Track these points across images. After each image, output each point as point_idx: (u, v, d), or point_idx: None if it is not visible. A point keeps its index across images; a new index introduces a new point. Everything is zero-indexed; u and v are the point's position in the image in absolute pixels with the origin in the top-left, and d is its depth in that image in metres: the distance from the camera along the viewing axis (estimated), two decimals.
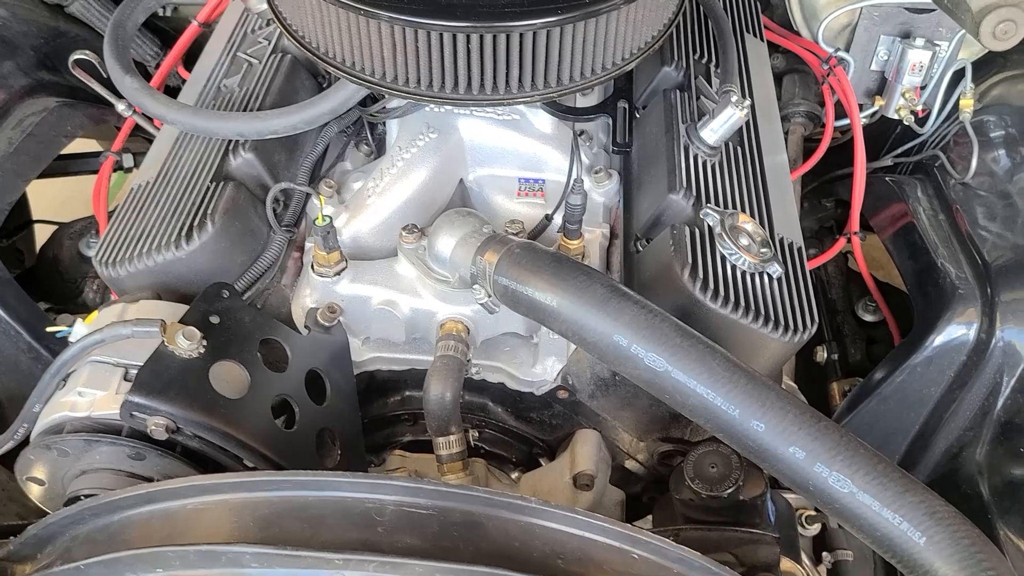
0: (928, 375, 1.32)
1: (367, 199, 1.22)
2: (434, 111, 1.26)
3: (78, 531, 0.79)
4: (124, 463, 0.95)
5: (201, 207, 1.14)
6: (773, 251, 1.13)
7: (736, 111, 1.18)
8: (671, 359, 0.90)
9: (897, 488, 0.83)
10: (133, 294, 1.10)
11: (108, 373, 0.98)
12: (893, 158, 1.67)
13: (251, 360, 1.01)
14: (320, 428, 1.07)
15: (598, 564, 0.73)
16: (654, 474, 1.29)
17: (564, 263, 0.98)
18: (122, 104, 1.52)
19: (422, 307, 1.14)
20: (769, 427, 0.87)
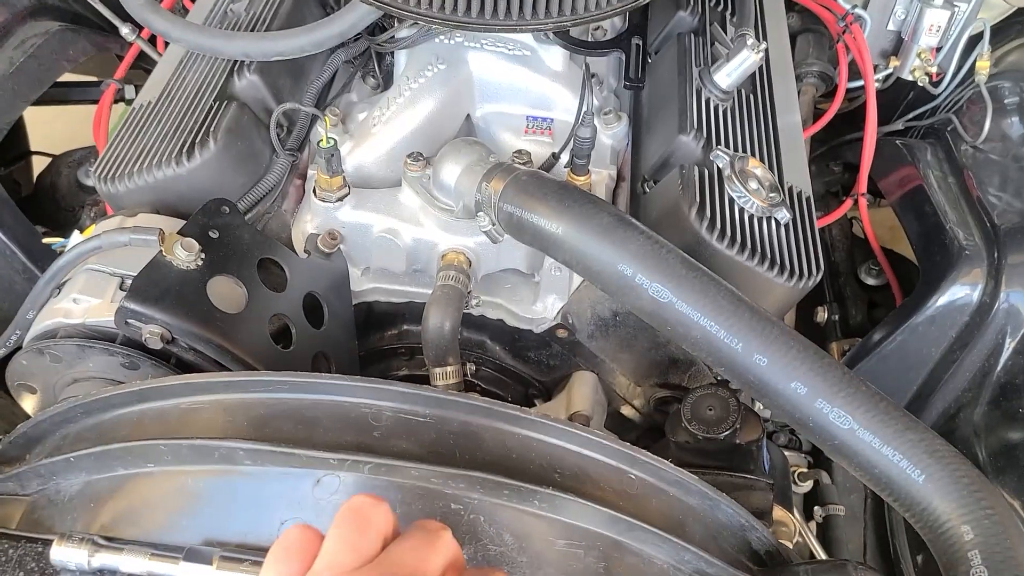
0: (929, 335, 1.31)
1: (372, 128, 1.20)
2: (443, 43, 1.24)
3: (68, 430, 0.78)
4: (117, 372, 0.93)
5: (204, 125, 1.12)
6: (782, 196, 1.12)
7: (751, 54, 1.16)
8: (675, 290, 0.89)
9: (898, 426, 0.82)
10: (132, 208, 1.08)
11: (104, 281, 0.96)
12: (905, 122, 1.66)
13: (249, 277, 1.00)
14: (316, 352, 1.05)
15: (595, 481, 0.72)
16: (650, 421, 1.28)
17: (570, 191, 0.96)
18: (126, 28, 1.50)
19: (424, 237, 1.13)
20: (772, 361, 0.86)
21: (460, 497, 0.67)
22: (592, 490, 0.71)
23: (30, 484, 0.75)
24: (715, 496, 0.77)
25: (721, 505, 0.78)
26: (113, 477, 0.70)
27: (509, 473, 0.68)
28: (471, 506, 0.66)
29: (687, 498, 0.76)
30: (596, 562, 0.68)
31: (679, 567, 0.72)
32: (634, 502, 0.73)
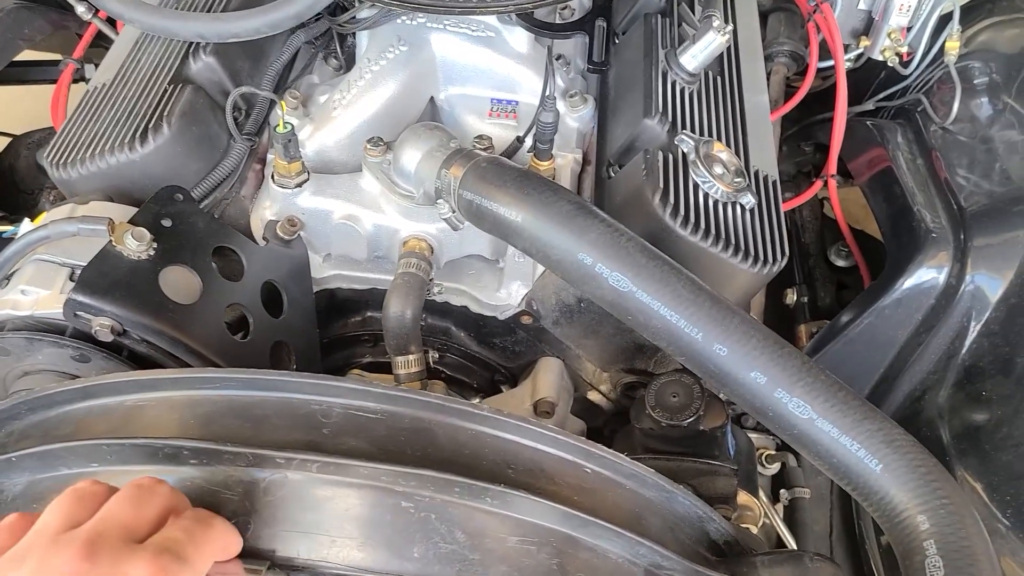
0: (896, 318, 1.31)
1: (333, 111, 1.18)
2: (406, 23, 1.21)
3: (13, 427, 0.76)
4: (68, 365, 0.91)
5: (157, 109, 1.09)
6: (747, 181, 1.11)
7: (717, 36, 1.14)
8: (635, 279, 0.88)
9: (856, 416, 0.82)
10: (84, 196, 1.05)
11: (53, 272, 0.94)
12: (875, 103, 1.65)
13: (204, 267, 0.98)
14: (275, 341, 1.04)
15: (549, 476, 0.71)
16: (616, 407, 1.28)
17: (530, 178, 0.95)
18: (81, 6, 1.46)
19: (385, 223, 1.11)
20: (731, 351, 0.85)
21: (411, 495, 0.66)
22: (547, 485, 0.71)
23: None
24: (671, 488, 0.76)
25: (678, 497, 0.77)
26: (56, 477, 0.68)
27: (461, 470, 0.67)
28: (422, 504, 0.66)
29: (644, 491, 0.76)
30: (549, 558, 0.67)
31: (635, 561, 0.72)
32: (590, 496, 0.72)
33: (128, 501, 0.59)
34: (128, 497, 0.60)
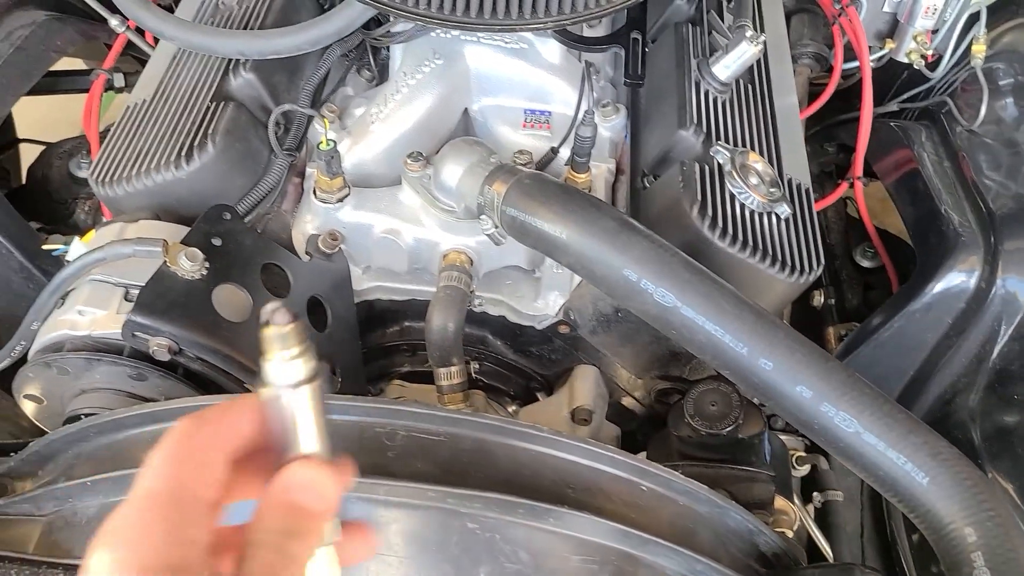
0: (926, 321, 1.32)
1: (370, 125, 1.19)
2: (440, 37, 1.22)
3: (81, 449, 0.78)
4: (125, 383, 0.94)
5: (201, 127, 1.11)
6: (782, 191, 1.12)
7: (750, 46, 1.15)
8: (680, 295, 0.90)
9: (902, 429, 0.83)
10: (132, 214, 1.07)
11: (108, 292, 0.96)
12: (899, 103, 1.66)
13: (253, 284, 0.99)
14: (320, 355, 1.05)
15: (607, 494, 0.73)
16: (650, 411, 1.29)
17: (574, 195, 0.96)
18: (115, 19, 1.47)
19: (425, 237, 1.13)
20: (777, 365, 0.87)
21: (476, 516, 0.67)
22: (605, 503, 0.73)
23: (46, 506, 0.76)
24: (724, 504, 0.78)
25: (730, 512, 0.79)
26: None
27: (522, 490, 0.69)
28: (487, 525, 0.67)
29: (697, 507, 0.78)
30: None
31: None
32: (646, 514, 0.74)
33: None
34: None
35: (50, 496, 0.75)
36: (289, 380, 0.47)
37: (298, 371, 0.47)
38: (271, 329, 0.46)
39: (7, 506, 0.77)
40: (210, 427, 0.48)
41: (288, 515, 0.48)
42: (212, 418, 0.49)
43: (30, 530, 0.76)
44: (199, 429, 0.48)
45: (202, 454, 0.47)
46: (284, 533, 0.47)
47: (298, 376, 0.47)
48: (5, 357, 1.01)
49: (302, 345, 0.47)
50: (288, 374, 0.47)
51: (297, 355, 0.47)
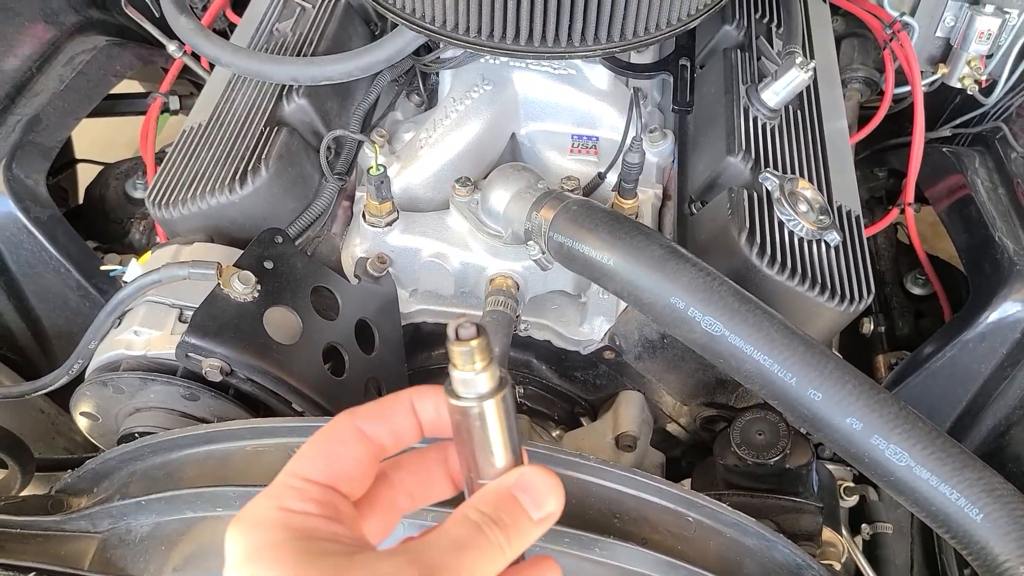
0: (980, 351, 1.29)
1: (419, 150, 1.21)
2: (489, 63, 1.24)
3: (136, 467, 0.80)
4: (178, 403, 0.96)
5: (255, 151, 1.13)
6: (832, 219, 1.11)
7: (800, 73, 1.15)
8: (728, 323, 0.89)
9: (955, 464, 0.82)
10: (187, 236, 1.10)
11: (163, 313, 0.98)
12: (952, 129, 1.63)
13: (303, 306, 1.01)
14: (368, 377, 1.07)
15: (653, 525, 0.73)
16: (695, 439, 1.28)
17: (622, 222, 0.96)
18: (172, 45, 1.51)
19: (472, 261, 1.13)
20: (826, 396, 0.86)
21: None
22: (651, 534, 0.72)
23: (101, 523, 0.77)
24: (771, 537, 0.77)
25: (778, 545, 0.78)
26: (182, 520, 0.72)
27: (570, 519, 0.69)
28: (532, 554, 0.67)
29: (744, 539, 0.77)
30: None
31: None
32: (692, 545, 0.73)
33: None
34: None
35: (105, 513, 0.76)
36: (476, 393, 0.47)
37: (484, 383, 0.47)
38: (458, 345, 0.46)
39: (64, 522, 0.79)
40: (360, 421, 0.50)
41: (504, 504, 0.48)
42: (363, 413, 0.51)
43: (86, 546, 0.77)
44: (343, 421, 0.50)
45: (346, 447, 0.49)
46: (491, 519, 0.48)
47: (484, 388, 0.47)
48: (63, 375, 1.04)
49: (488, 358, 0.47)
50: (475, 387, 0.47)
51: (483, 368, 0.47)
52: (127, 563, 0.73)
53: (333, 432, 0.50)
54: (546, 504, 0.50)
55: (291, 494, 0.48)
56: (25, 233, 1.42)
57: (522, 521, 0.49)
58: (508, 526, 0.48)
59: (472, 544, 0.46)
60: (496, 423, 0.48)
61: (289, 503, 0.47)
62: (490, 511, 0.48)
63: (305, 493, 0.48)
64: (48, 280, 1.44)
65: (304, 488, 0.48)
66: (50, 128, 1.51)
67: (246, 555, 0.45)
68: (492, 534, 0.47)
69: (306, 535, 0.45)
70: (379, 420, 0.51)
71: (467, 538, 0.46)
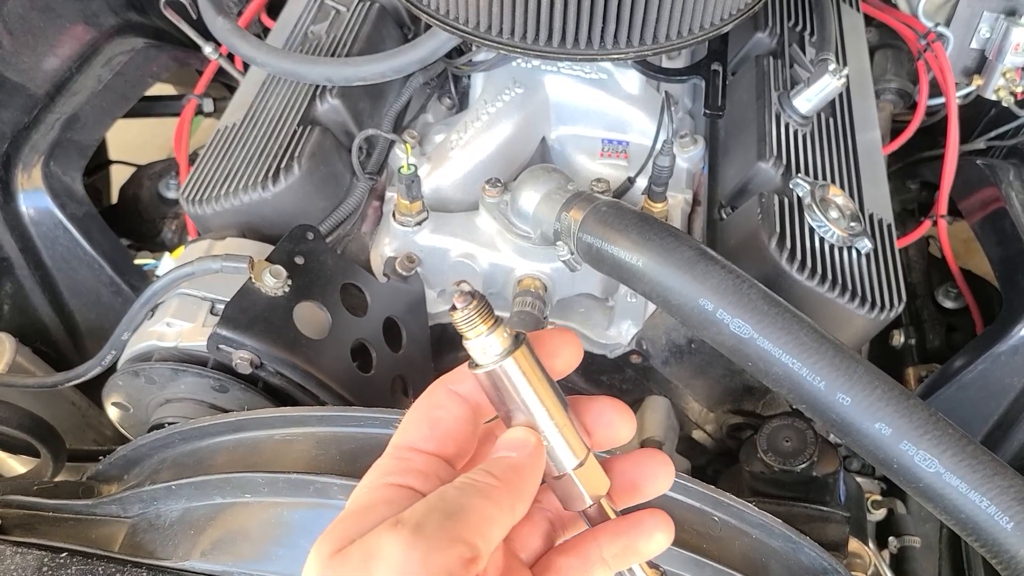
0: (1012, 365, 1.28)
1: (450, 151, 1.22)
2: (521, 66, 1.25)
3: (166, 455, 0.81)
4: (208, 394, 0.97)
5: (288, 150, 1.14)
6: (863, 226, 1.10)
7: (833, 80, 1.14)
8: (757, 326, 0.89)
9: (986, 471, 0.80)
10: (219, 231, 1.11)
11: (195, 306, 1.00)
12: (987, 141, 1.62)
13: (332, 302, 1.02)
14: (395, 375, 1.07)
15: (678, 523, 0.72)
16: (721, 446, 1.28)
17: (651, 223, 0.96)
18: (208, 47, 1.53)
19: (501, 262, 1.14)
20: (856, 401, 0.85)
21: None
22: (676, 532, 0.71)
23: (132, 508, 0.78)
24: (798, 539, 0.77)
25: (804, 548, 0.77)
26: (211, 505, 0.73)
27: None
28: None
29: (770, 540, 0.76)
30: None
31: None
32: (718, 545, 0.73)
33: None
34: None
35: (136, 499, 0.77)
36: (493, 355, 0.47)
37: (497, 345, 0.47)
38: (457, 313, 0.47)
39: (95, 507, 0.80)
40: (453, 385, 0.51)
41: (495, 463, 0.49)
42: (453, 377, 0.51)
43: (116, 530, 0.78)
44: (436, 388, 0.51)
45: (445, 410, 0.50)
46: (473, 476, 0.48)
47: (499, 349, 0.47)
48: (96, 366, 1.05)
49: (491, 320, 0.47)
50: (491, 350, 0.47)
51: (490, 330, 0.47)
52: (156, 547, 0.73)
53: (428, 400, 0.51)
54: (523, 439, 0.49)
55: (395, 465, 0.48)
56: (61, 229, 1.45)
57: (501, 463, 0.49)
58: (490, 471, 0.48)
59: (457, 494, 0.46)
60: (522, 379, 0.48)
61: (392, 477, 0.47)
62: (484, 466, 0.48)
63: (409, 463, 0.48)
64: (82, 275, 1.46)
65: (408, 457, 0.48)
66: (87, 127, 1.54)
67: (334, 523, 0.46)
68: (472, 479, 0.47)
69: (380, 506, 0.45)
70: (470, 379, 0.51)
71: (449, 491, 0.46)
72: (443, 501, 0.45)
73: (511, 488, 0.48)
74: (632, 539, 0.53)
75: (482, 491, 0.46)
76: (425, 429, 0.49)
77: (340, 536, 0.44)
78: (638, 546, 0.53)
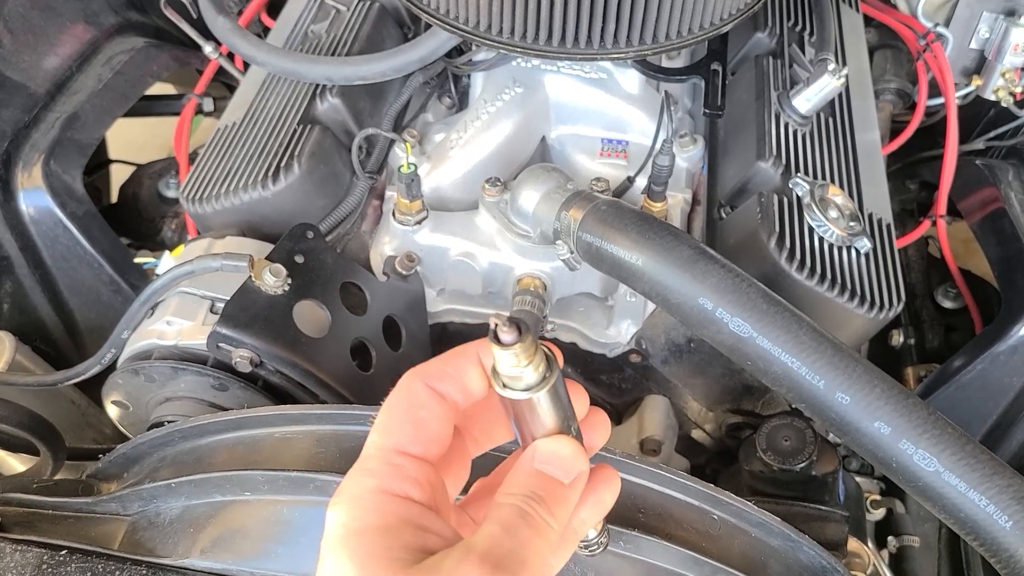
0: (1011, 365, 1.28)
1: (449, 150, 1.22)
2: (521, 66, 1.25)
3: (166, 452, 0.81)
4: (207, 393, 0.97)
5: (288, 149, 1.14)
6: (862, 225, 1.11)
7: (832, 80, 1.14)
8: (756, 325, 0.89)
9: (985, 470, 0.81)
10: (219, 230, 1.11)
11: (195, 304, 1.00)
12: (986, 141, 1.62)
13: (332, 301, 1.02)
14: (395, 374, 1.07)
15: (678, 521, 0.73)
16: (720, 445, 1.28)
17: (651, 222, 0.96)
18: (209, 46, 1.53)
19: (500, 261, 1.14)
20: (855, 400, 0.85)
21: None
22: (676, 530, 0.72)
23: (131, 506, 0.78)
24: (797, 538, 0.77)
25: (803, 547, 0.78)
26: (211, 503, 0.73)
27: None
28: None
29: (769, 539, 0.76)
30: None
31: None
32: (717, 543, 0.73)
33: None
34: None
35: (136, 496, 0.77)
36: (524, 385, 0.47)
37: (531, 375, 0.47)
38: (501, 349, 0.46)
39: (95, 504, 0.80)
40: (433, 382, 0.50)
41: (533, 480, 0.48)
42: (431, 373, 0.50)
43: (115, 528, 0.78)
44: (415, 384, 0.50)
45: (428, 411, 0.49)
46: (528, 497, 0.48)
47: (533, 380, 0.47)
48: (96, 364, 1.05)
49: (533, 352, 0.46)
50: (523, 380, 0.47)
51: (528, 363, 0.46)
52: (156, 545, 0.74)
53: (410, 397, 0.50)
54: (571, 465, 0.50)
55: (390, 472, 0.47)
56: (61, 228, 1.45)
57: (556, 489, 0.49)
58: (545, 498, 0.48)
59: (518, 523, 0.46)
60: (548, 407, 0.48)
61: (390, 484, 0.46)
62: (523, 491, 0.48)
63: (404, 471, 0.47)
64: (82, 274, 1.47)
65: (402, 465, 0.47)
66: (87, 126, 1.54)
67: (341, 536, 0.44)
68: (533, 510, 0.47)
69: (401, 529, 0.45)
70: (450, 379, 0.50)
71: (514, 521, 0.46)
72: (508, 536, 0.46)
73: (560, 524, 0.48)
74: (600, 494, 0.53)
75: (541, 531, 0.47)
76: (410, 430, 0.49)
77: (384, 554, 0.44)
78: (605, 499, 0.54)
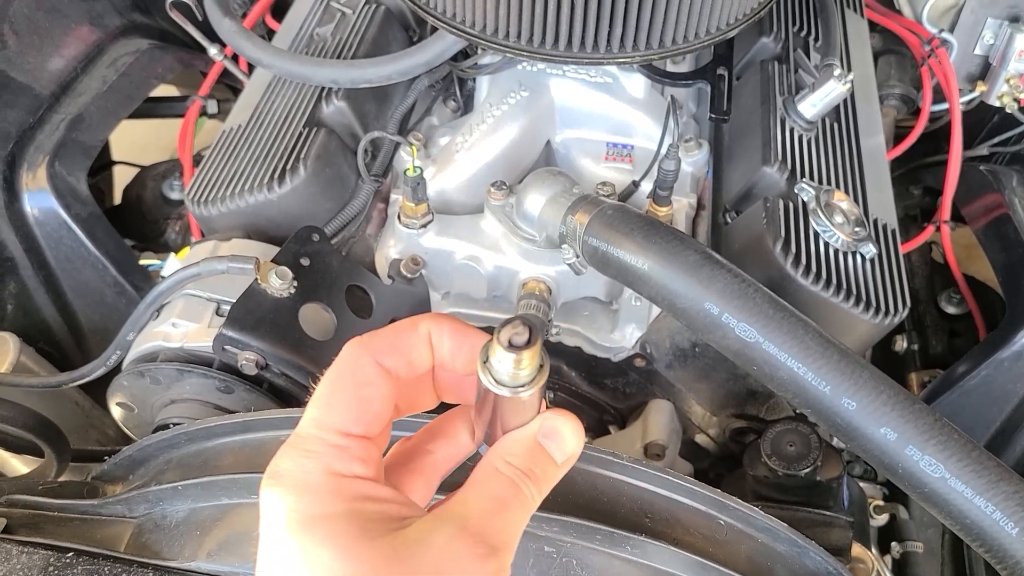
0: (1015, 371, 1.28)
1: (455, 154, 1.22)
2: (526, 69, 1.25)
3: (172, 455, 0.81)
4: (213, 395, 0.97)
5: (294, 151, 1.15)
6: (867, 231, 1.11)
7: (838, 85, 1.15)
8: (763, 330, 0.89)
9: (991, 476, 0.81)
10: (224, 232, 1.11)
11: (201, 307, 1.00)
12: (990, 147, 1.62)
13: (338, 304, 1.02)
14: None
15: (685, 527, 0.73)
16: (724, 450, 1.28)
17: (657, 227, 0.96)
18: (214, 48, 1.54)
19: (505, 264, 1.14)
20: (861, 406, 0.85)
21: (553, 540, 0.68)
22: (682, 535, 0.72)
23: (137, 508, 0.78)
24: (803, 543, 0.77)
25: (809, 552, 0.77)
26: (217, 506, 0.73)
27: (600, 517, 0.69)
28: (564, 549, 0.67)
29: (775, 544, 0.76)
30: None
31: None
32: (723, 548, 0.73)
33: None
34: None
35: (142, 499, 0.77)
36: (517, 383, 0.47)
37: (526, 376, 0.47)
38: (511, 351, 0.45)
39: (100, 506, 0.80)
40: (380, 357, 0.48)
41: (532, 455, 0.48)
42: (380, 348, 0.48)
43: (121, 531, 0.78)
44: (363, 359, 0.48)
45: (374, 388, 0.47)
46: (524, 473, 0.47)
47: (527, 379, 0.47)
48: (101, 366, 1.05)
49: (536, 358, 0.47)
50: (517, 380, 0.47)
51: (527, 366, 0.47)
52: (162, 547, 0.73)
53: (357, 373, 0.48)
54: (569, 447, 0.50)
55: (335, 454, 0.45)
56: (65, 229, 1.45)
57: (549, 469, 0.49)
58: (539, 478, 0.48)
59: (512, 501, 0.46)
60: (531, 403, 0.48)
61: (337, 466, 0.44)
62: (521, 464, 0.47)
63: (349, 451, 0.45)
64: (86, 276, 1.47)
65: (346, 446, 0.45)
66: (92, 127, 1.55)
67: (297, 523, 0.42)
68: (526, 487, 0.47)
69: (360, 506, 0.43)
70: (398, 354, 0.49)
71: (506, 495, 0.46)
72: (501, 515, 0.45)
73: (539, 503, 0.48)
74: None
75: (527, 510, 0.47)
76: (355, 410, 0.47)
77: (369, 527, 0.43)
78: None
